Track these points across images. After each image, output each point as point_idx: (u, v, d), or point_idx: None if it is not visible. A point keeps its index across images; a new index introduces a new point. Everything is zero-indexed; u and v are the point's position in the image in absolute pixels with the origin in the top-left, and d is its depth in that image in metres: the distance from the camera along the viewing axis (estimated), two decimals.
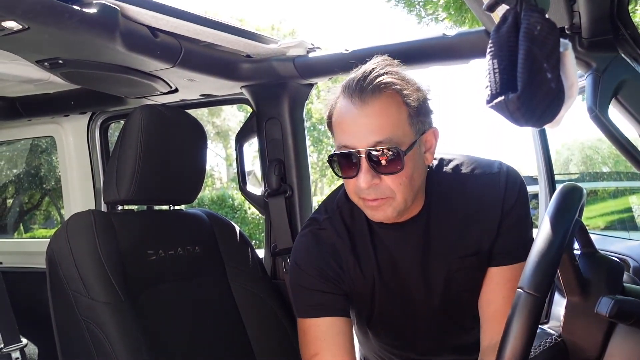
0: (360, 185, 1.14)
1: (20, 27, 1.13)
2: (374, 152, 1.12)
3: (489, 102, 0.87)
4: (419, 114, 1.16)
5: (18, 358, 1.56)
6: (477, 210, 1.26)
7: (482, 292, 1.29)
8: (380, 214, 1.18)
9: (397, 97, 1.14)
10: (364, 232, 1.31)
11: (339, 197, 1.35)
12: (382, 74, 1.14)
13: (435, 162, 1.31)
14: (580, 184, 0.99)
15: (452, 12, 7.69)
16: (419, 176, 1.20)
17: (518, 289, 0.89)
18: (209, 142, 1.74)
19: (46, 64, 1.44)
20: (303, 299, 1.31)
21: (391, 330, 1.44)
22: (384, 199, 1.16)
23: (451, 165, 1.31)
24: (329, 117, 1.21)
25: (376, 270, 1.31)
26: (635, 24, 1.15)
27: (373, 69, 1.15)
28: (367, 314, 1.39)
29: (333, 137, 1.22)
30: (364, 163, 1.13)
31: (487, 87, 0.87)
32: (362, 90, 1.13)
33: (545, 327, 1.65)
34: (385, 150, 1.12)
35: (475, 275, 1.29)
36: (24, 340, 1.59)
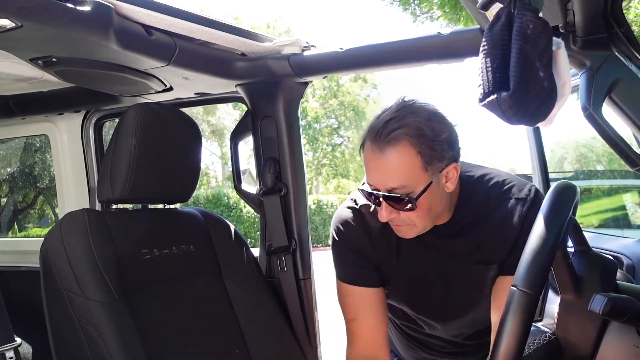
0: (382, 216, 1.28)
1: (14, 24, 1.12)
2: (390, 195, 1.24)
3: (481, 100, 0.87)
4: (433, 159, 1.23)
5: (12, 357, 1.55)
6: (498, 230, 1.34)
7: (493, 299, 1.37)
8: (403, 234, 1.33)
9: (411, 149, 1.21)
10: (387, 226, 1.39)
11: None
12: (398, 127, 1.21)
13: (475, 175, 1.39)
14: (574, 182, 1.00)
15: (447, 10, 7.69)
16: (438, 205, 1.29)
17: (512, 287, 0.89)
18: (204, 140, 1.74)
19: (40, 62, 1.43)
20: (342, 265, 1.47)
21: (406, 304, 1.54)
22: (406, 225, 1.30)
23: (487, 182, 1.39)
24: (361, 148, 1.32)
25: (396, 260, 1.43)
26: (629, 22, 1.16)
27: (392, 118, 1.23)
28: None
29: None
30: (383, 202, 1.27)
31: (480, 85, 0.87)
32: (380, 140, 1.23)
33: (539, 324, 1.65)
34: (398, 196, 1.23)
35: (485, 280, 1.39)
36: (18, 340, 1.58)
